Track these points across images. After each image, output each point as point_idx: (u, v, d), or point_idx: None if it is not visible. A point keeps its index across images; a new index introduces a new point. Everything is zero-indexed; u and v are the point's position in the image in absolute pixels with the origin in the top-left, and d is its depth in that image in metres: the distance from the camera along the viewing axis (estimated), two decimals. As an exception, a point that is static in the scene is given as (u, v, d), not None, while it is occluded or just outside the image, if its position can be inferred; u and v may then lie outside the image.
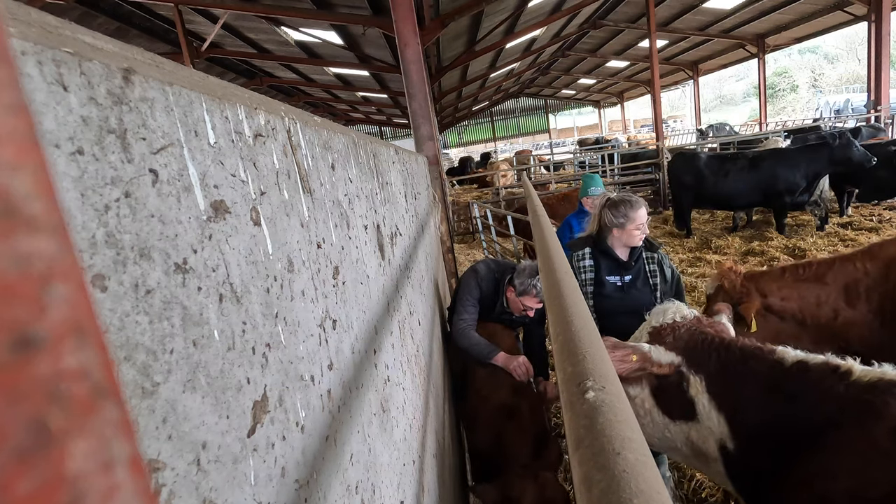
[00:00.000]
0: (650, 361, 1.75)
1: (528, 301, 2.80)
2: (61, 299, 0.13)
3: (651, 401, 1.82)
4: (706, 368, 1.68)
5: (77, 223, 0.33)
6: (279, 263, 0.64)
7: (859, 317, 2.49)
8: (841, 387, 1.44)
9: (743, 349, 1.67)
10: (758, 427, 1.55)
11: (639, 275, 2.52)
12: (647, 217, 2.47)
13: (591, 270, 2.53)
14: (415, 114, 4.84)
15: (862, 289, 2.53)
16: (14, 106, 0.12)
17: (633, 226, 2.43)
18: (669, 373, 1.74)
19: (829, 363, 1.51)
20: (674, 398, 1.74)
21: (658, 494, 0.32)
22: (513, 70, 21.79)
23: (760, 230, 7.71)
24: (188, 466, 0.41)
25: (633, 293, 2.50)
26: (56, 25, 0.36)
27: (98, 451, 0.13)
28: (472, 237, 10.98)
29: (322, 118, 1.00)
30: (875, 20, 11.51)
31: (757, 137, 12.89)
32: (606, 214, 2.49)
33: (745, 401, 1.59)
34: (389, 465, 1.09)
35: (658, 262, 2.52)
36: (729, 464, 1.63)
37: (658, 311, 1.93)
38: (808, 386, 1.49)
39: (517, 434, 2.21)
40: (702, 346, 1.73)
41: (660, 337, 1.81)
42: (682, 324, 1.82)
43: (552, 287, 0.78)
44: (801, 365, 1.54)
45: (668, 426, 1.79)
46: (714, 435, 1.65)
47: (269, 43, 12.59)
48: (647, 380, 1.80)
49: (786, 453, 1.47)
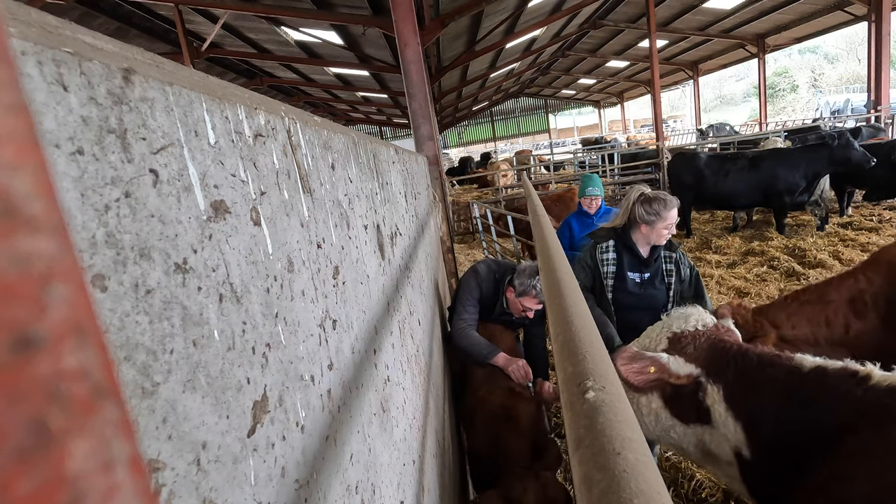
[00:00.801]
0: (668, 373, 1.73)
1: (528, 302, 2.80)
2: (61, 299, 0.13)
3: (659, 402, 1.80)
4: (724, 377, 1.66)
5: (77, 223, 0.33)
6: (279, 263, 0.64)
7: (870, 325, 2.49)
8: (860, 391, 1.41)
9: (760, 357, 1.65)
10: (775, 434, 1.52)
11: (657, 273, 2.52)
12: (677, 218, 2.46)
13: (613, 264, 2.52)
14: (415, 114, 4.84)
15: (868, 298, 2.53)
16: (14, 106, 0.12)
17: (662, 224, 2.41)
18: (687, 383, 1.72)
19: (848, 368, 1.48)
20: (688, 405, 1.72)
21: (658, 494, 0.32)
22: (513, 70, 21.79)
23: (760, 230, 7.71)
24: (188, 466, 0.41)
25: (651, 291, 2.51)
26: (56, 25, 0.36)
27: (98, 451, 0.13)
28: (472, 237, 10.99)
29: (322, 118, 1.00)
30: (875, 20, 11.51)
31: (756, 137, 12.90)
32: (639, 209, 2.45)
33: (762, 409, 1.56)
34: (389, 465, 1.09)
35: (675, 261, 2.52)
36: (744, 469, 1.61)
37: (680, 316, 1.88)
38: (827, 391, 1.46)
39: (515, 436, 2.20)
40: (720, 355, 1.71)
41: (679, 345, 1.78)
42: (703, 332, 1.79)
43: (552, 287, 0.78)
44: (820, 371, 1.51)
45: (675, 427, 1.77)
46: (729, 442, 1.63)
47: (269, 43, 12.60)
48: (660, 386, 1.78)
49: (803, 458, 1.45)
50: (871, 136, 9.88)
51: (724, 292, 5.30)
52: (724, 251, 6.89)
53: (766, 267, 5.90)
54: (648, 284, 2.51)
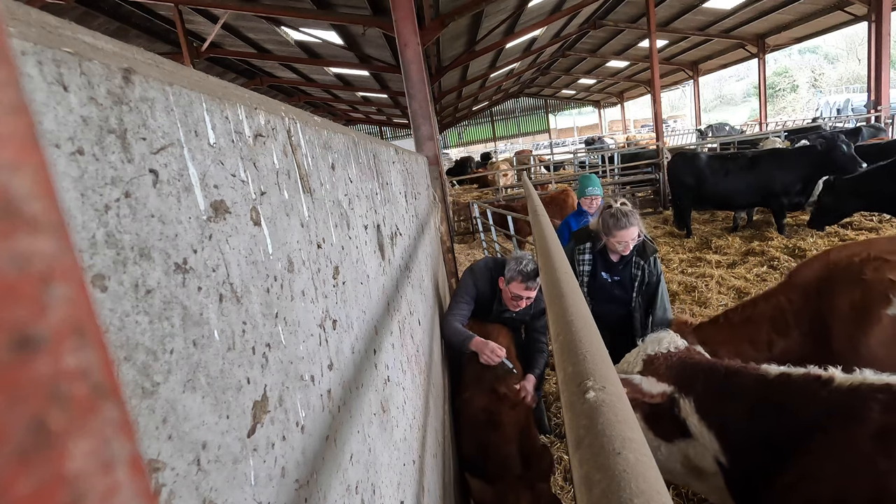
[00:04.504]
0: (641, 393, 1.84)
1: (516, 288, 2.75)
2: (61, 299, 0.13)
3: (642, 424, 1.88)
4: (695, 390, 1.77)
5: (77, 223, 0.33)
6: (279, 263, 0.64)
7: (792, 343, 2.66)
8: (824, 392, 1.48)
9: (727, 368, 1.76)
10: (746, 439, 1.60)
11: (625, 277, 2.82)
12: (635, 236, 2.66)
13: (589, 264, 2.85)
14: (415, 114, 4.84)
15: (790, 317, 2.69)
16: (14, 106, 0.12)
17: (614, 240, 2.67)
18: (661, 401, 1.82)
19: (811, 373, 1.57)
20: (667, 421, 1.82)
21: (658, 494, 0.32)
22: (513, 70, 21.78)
23: (760, 230, 7.70)
24: (188, 466, 0.41)
25: (618, 292, 2.84)
26: (56, 25, 0.36)
27: (98, 451, 0.13)
28: (472, 237, 10.98)
29: (322, 118, 1.00)
30: (875, 20, 11.50)
31: (756, 137, 12.89)
32: (599, 220, 2.73)
33: (732, 416, 1.66)
34: (389, 465, 1.09)
35: (645, 269, 2.77)
36: (727, 477, 1.68)
37: (654, 340, 2.02)
38: (793, 394, 1.54)
39: (502, 443, 2.17)
40: (690, 371, 1.83)
41: (652, 366, 1.91)
42: (675, 353, 1.92)
43: (552, 287, 0.78)
44: (784, 377, 1.60)
45: (661, 448, 1.87)
46: (709, 451, 1.71)
47: (269, 43, 12.59)
48: (639, 406, 1.87)
49: (775, 459, 1.51)
50: (871, 136, 9.88)
51: (724, 292, 5.29)
52: (724, 251, 6.88)
53: (766, 267, 5.90)
54: (617, 285, 2.83)
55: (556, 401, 3.69)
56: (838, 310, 2.50)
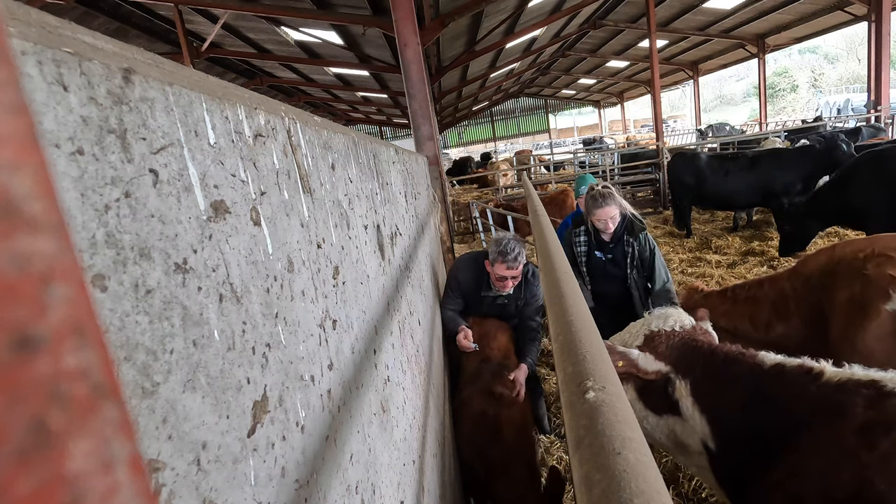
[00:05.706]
0: (637, 368, 1.84)
1: (499, 269, 2.76)
2: (61, 299, 0.13)
3: (633, 394, 1.91)
4: (693, 374, 1.77)
5: (77, 223, 0.33)
6: (279, 263, 0.64)
7: (792, 329, 2.72)
8: (813, 387, 1.49)
9: (727, 354, 1.76)
10: (737, 428, 1.61)
11: (618, 254, 2.99)
12: (614, 215, 2.86)
13: (584, 244, 3.07)
14: (415, 114, 4.84)
15: (791, 304, 2.75)
16: (14, 106, 0.12)
17: (594, 219, 2.89)
18: (655, 379, 1.82)
19: (804, 365, 1.57)
20: (659, 398, 1.83)
21: (658, 494, 0.32)
22: (513, 70, 21.78)
23: (760, 230, 7.70)
24: (188, 466, 0.41)
25: (613, 269, 3.01)
26: (56, 25, 0.36)
27: (98, 451, 0.13)
28: (472, 237, 10.98)
29: (322, 118, 1.00)
30: (875, 20, 11.50)
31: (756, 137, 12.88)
32: (584, 202, 2.97)
33: (725, 404, 1.66)
34: (389, 465, 1.09)
35: (634, 246, 2.94)
36: (712, 460, 1.69)
37: (660, 316, 1.99)
38: (784, 387, 1.55)
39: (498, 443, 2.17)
40: (691, 353, 1.83)
41: (653, 343, 1.90)
42: (679, 333, 1.90)
43: (552, 287, 0.78)
44: (778, 368, 1.61)
45: (648, 418, 1.87)
46: (697, 433, 1.72)
47: (269, 43, 12.59)
48: (632, 378, 1.89)
49: (764, 453, 1.52)
50: (871, 136, 9.87)
51: (724, 292, 5.29)
52: (724, 251, 6.89)
53: (766, 267, 5.89)
54: (611, 263, 3.02)
55: (556, 401, 3.69)
56: (837, 302, 2.54)
